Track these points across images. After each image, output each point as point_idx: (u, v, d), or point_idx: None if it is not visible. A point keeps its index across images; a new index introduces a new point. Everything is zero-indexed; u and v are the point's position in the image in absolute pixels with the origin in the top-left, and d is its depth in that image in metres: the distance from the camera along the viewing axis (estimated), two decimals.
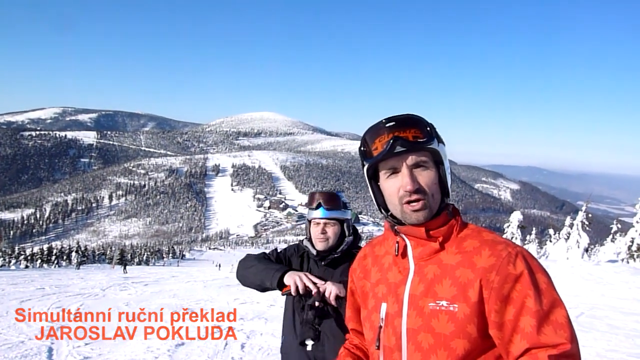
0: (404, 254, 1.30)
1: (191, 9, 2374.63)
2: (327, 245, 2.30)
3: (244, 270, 2.36)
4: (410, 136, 1.21)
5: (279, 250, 2.53)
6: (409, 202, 1.23)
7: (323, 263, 2.33)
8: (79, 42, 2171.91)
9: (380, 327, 1.30)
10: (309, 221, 2.38)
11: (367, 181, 1.34)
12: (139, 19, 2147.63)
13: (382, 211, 1.34)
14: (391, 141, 1.20)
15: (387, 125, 1.23)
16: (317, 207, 2.31)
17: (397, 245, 1.31)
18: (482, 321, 1.16)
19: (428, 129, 1.24)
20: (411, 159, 1.22)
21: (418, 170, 1.23)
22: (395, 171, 1.25)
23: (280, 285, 2.11)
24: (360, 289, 1.46)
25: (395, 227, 1.30)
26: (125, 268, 33.13)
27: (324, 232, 2.31)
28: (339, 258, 2.32)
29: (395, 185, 1.24)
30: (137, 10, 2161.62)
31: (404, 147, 1.20)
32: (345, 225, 2.35)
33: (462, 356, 1.15)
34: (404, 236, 1.29)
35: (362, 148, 1.31)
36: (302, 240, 2.45)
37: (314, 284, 2.04)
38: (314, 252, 2.34)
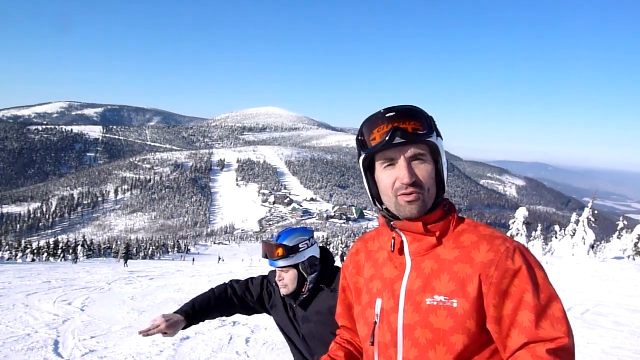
0: (401, 250, 1.28)
1: (196, 4, 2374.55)
2: (288, 292, 2.25)
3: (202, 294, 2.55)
4: (410, 128, 1.19)
5: (266, 278, 2.52)
6: (403, 195, 1.21)
7: (295, 304, 2.30)
8: (85, 37, 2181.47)
9: (375, 323, 1.29)
10: None
11: (363, 172, 1.32)
12: (145, 13, 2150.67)
13: (377, 204, 1.32)
14: (391, 132, 1.18)
15: (387, 115, 1.21)
16: (265, 258, 2.26)
17: (393, 241, 1.29)
18: (480, 316, 1.16)
19: (428, 122, 1.23)
20: (410, 151, 1.21)
21: (416, 163, 1.22)
22: (392, 163, 1.23)
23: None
24: (354, 285, 1.44)
25: (392, 223, 1.28)
26: (126, 262, 33.19)
27: (281, 279, 2.25)
28: (309, 297, 2.26)
29: (391, 177, 1.22)
30: (142, 5, 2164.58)
31: (404, 138, 1.18)
32: (301, 267, 2.23)
33: (461, 351, 1.15)
34: (400, 232, 1.28)
35: (359, 137, 1.29)
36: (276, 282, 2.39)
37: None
38: (283, 295, 2.32)
